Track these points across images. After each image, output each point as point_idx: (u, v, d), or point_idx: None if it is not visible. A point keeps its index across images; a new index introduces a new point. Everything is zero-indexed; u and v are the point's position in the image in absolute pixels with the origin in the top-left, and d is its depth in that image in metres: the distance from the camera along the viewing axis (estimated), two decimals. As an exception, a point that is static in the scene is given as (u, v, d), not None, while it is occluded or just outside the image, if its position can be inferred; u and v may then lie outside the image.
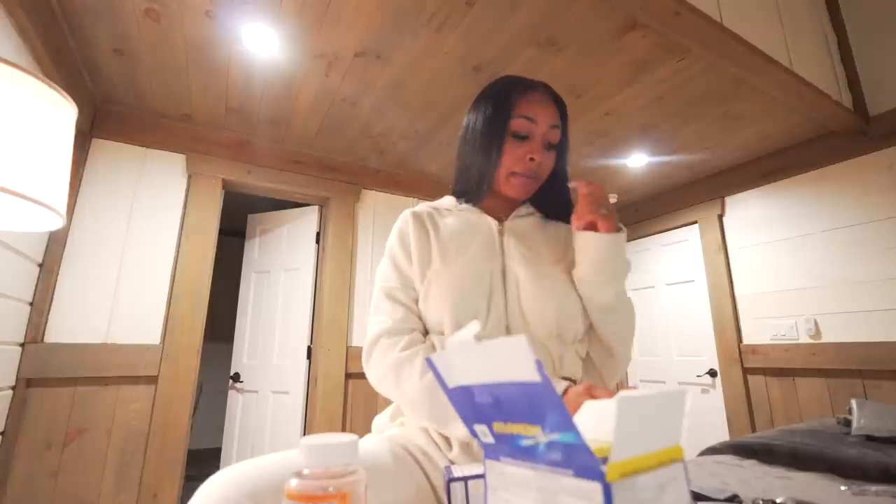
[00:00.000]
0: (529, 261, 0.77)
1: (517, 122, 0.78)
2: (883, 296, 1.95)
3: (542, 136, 0.78)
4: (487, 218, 0.84)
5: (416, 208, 0.87)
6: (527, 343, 0.25)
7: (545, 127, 0.78)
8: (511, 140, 0.78)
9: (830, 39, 2.10)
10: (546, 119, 0.79)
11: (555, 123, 0.79)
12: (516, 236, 0.81)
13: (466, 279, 0.75)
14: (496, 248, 0.80)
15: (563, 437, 0.24)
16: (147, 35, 1.52)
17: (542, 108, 0.79)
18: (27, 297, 1.62)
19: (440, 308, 0.73)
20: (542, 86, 0.83)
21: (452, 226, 0.84)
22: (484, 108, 0.82)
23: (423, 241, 0.81)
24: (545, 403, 0.25)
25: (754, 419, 2.36)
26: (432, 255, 0.79)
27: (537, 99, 0.80)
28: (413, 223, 0.83)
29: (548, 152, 0.80)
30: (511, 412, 0.27)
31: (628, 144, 2.32)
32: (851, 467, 0.78)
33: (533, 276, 0.75)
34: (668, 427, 0.26)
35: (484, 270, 0.76)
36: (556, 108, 0.81)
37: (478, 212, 0.85)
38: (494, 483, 0.30)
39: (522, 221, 0.85)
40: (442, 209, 0.88)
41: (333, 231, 2.42)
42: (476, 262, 0.77)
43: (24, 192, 0.76)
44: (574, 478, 0.24)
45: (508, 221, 0.84)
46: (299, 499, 0.31)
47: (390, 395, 0.74)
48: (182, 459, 1.85)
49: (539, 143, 0.78)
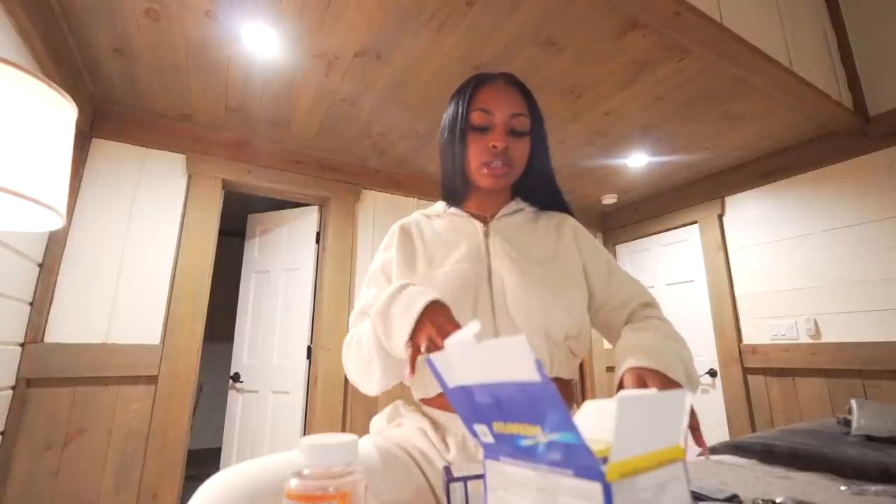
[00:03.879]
0: (515, 261, 0.77)
1: (474, 116, 0.79)
2: (883, 296, 1.95)
3: (503, 124, 0.78)
4: (473, 221, 0.84)
5: (406, 219, 0.89)
6: (526, 343, 0.25)
7: (504, 115, 0.78)
8: (472, 133, 0.79)
9: (830, 39, 2.10)
10: (504, 107, 0.78)
11: (516, 112, 0.79)
12: (503, 236, 0.81)
13: (451, 283, 0.74)
14: (482, 250, 0.80)
15: (563, 437, 0.24)
16: (147, 35, 1.52)
17: (499, 97, 0.79)
18: (27, 297, 1.62)
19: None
20: (503, 75, 0.83)
21: (439, 230, 0.85)
22: (449, 109, 0.84)
23: (407, 252, 0.82)
24: (545, 403, 0.25)
25: (754, 419, 2.36)
26: (418, 263, 0.80)
27: (494, 89, 0.80)
28: (398, 237, 0.85)
29: (516, 139, 0.79)
30: (511, 412, 0.27)
31: (628, 144, 2.32)
32: (851, 467, 0.78)
33: (519, 276, 0.75)
34: (668, 427, 0.26)
35: (469, 274, 0.76)
36: (521, 96, 0.81)
37: (465, 215, 0.86)
38: (494, 483, 0.30)
39: (509, 220, 0.85)
40: (432, 215, 0.90)
41: (333, 231, 2.42)
42: (461, 267, 0.77)
43: (24, 192, 0.76)
44: (574, 478, 0.24)
45: (494, 221, 0.84)
46: (299, 499, 0.31)
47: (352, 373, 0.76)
48: (182, 459, 1.85)
49: (500, 131, 0.78)
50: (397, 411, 0.80)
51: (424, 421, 0.73)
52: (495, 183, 0.80)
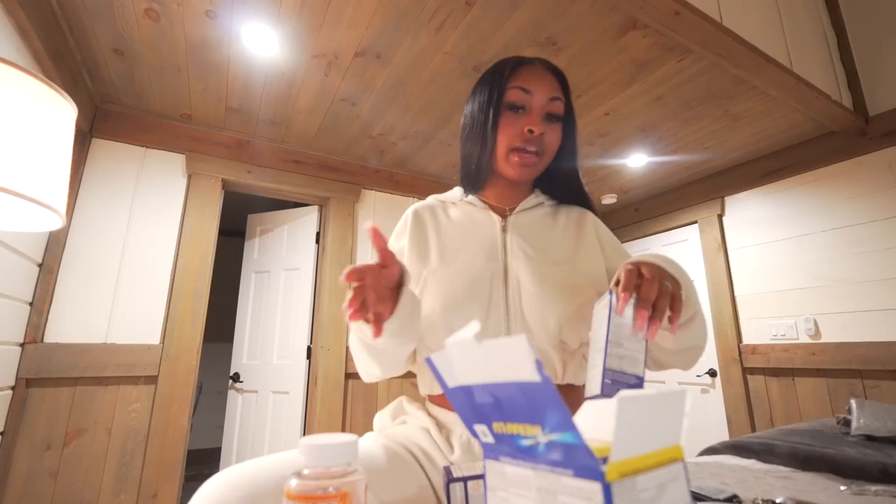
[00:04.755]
0: (533, 260, 0.73)
1: (511, 93, 0.73)
2: (883, 296, 1.95)
3: (541, 107, 0.73)
4: (491, 213, 0.79)
5: (420, 203, 0.84)
6: (527, 343, 0.25)
7: (543, 98, 0.73)
8: (507, 113, 0.74)
9: (830, 39, 2.11)
10: (544, 90, 0.73)
11: (555, 95, 0.74)
12: (520, 233, 0.77)
13: (463, 282, 0.71)
14: (498, 246, 0.75)
15: (563, 437, 0.24)
16: (147, 35, 1.52)
17: (538, 78, 0.74)
18: (27, 297, 1.62)
19: (433, 312, 0.70)
20: (540, 60, 0.78)
21: (455, 221, 0.80)
22: (479, 90, 0.79)
23: (420, 242, 0.78)
24: (545, 403, 0.25)
25: (754, 419, 2.36)
26: (430, 254, 0.77)
27: (533, 71, 0.75)
28: (411, 225, 0.80)
29: (550, 125, 0.74)
30: (511, 412, 0.27)
31: (628, 144, 2.32)
32: (851, 467, 0.78)
33: (536, 277, 0.71)
34: (668, 427, 0.26)
35: (483, 272, 0.72)
36: (556, 80, 0.76)
37: (482, 206, 0.81)
38: (494, 483, 0.30)
39: (528, 215, 0.80)
40: (448, 202, 0.85)
41: (333, 231, 2.42)
42: (475, 263, 0.73)
43: (24, 192, 0.76)
44: (574, 478, 0.24)
45: (513, 216, 0.79)
46: (299, 499, 0.31)
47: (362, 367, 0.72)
48: (182, 459, 1.85)
49: (538, 114, 0.73)
50: (401, 408, 0.78)
51: (429, 420, 0.72)
52: (522, 173, 0.75)
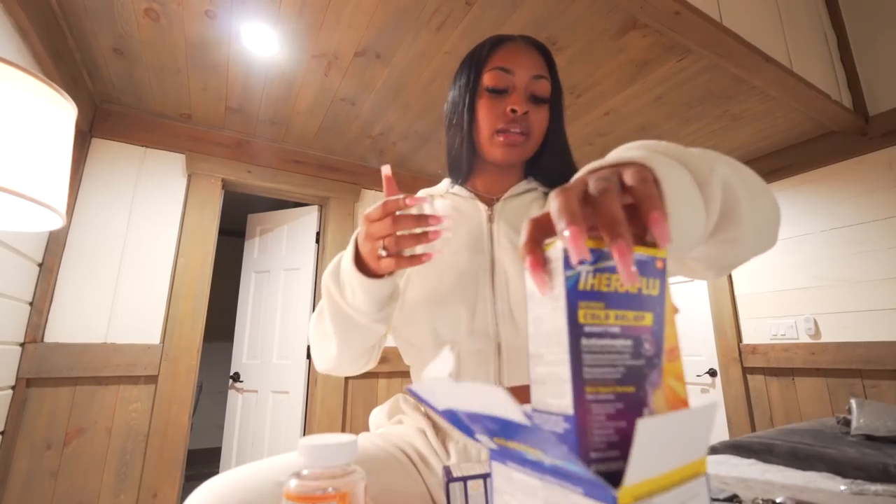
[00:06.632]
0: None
1: (491, 76, 0.70)
2: (883, 296, 1.95)
3: (524, 87, 0.70)
4: (477, 203, 0.75)
5: None
6: (507, 395, 0.22)
7: (526, 76, 0.69)
8: (487, 96, 0.70)
9: (830, 39, 2.10)
10: (526, 68, 0.69)
11: (539, 74, 0.70)
12: (507, 220, 0.72)
13: (447, 279, 0.67)
14: (484, 237, 0.71)
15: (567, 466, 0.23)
16: (147, 35, 1.52)
17: (519, 57, 0.70)
18: (27, 297, 1.62)
19: (415, 313, 0.67)
20: (522, 36, 0.74)
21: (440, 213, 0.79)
22: (460, 74, 0.75)
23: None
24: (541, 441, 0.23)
25: (754, 419, 2.36)
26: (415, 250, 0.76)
27: (514, 49, 0.71)
28: None
29: (536, 106, 0.70)
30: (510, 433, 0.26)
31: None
32: (851, 467, 0.78)
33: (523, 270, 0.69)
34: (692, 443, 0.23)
35: (468, 268, 0.68)
36: (541, 58, 0.73)
37: (469, 195, 0.77)
38: (501, 487, 0.29)
39: (516, 201, 0.75)
40: (436, 195, 0.81)
41: (333, 231, 2.42)
42: (459, 258, 0.69)
43: (24, 192, 0.76)
44: (583, 496, 0.22)
45: (500, 203, 0.74)
46: (298, 499, 0.31)
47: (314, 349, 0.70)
48: (182, 459, 1.85)
49: (521, 94, 0.69)
50: (398, 407, 0.77)
51: (425, 421, 0.70)
52: (509, 154, 0.70)
